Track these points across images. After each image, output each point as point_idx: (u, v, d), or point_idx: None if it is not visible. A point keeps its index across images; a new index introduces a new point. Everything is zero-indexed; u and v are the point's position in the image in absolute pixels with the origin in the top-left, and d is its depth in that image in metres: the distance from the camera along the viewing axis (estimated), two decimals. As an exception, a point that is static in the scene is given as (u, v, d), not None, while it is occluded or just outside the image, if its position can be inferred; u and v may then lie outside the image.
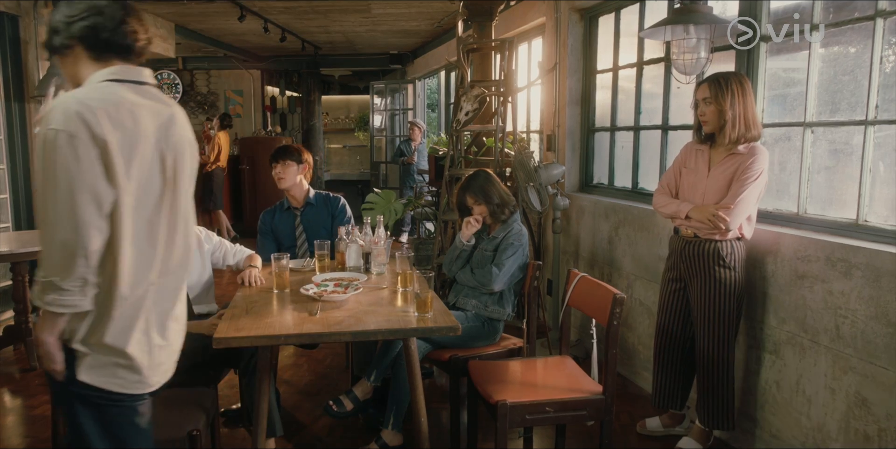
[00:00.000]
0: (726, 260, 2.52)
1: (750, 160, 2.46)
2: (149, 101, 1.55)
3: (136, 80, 1.55)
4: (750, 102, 2.47)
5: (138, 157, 1.47)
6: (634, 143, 3.74)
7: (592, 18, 4.12)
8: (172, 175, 1.57)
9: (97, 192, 1.40)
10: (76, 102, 1.41)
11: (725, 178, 2.51)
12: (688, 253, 2.62)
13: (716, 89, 2.49)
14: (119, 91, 1.49)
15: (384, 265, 2.90)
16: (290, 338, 2.01)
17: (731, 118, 2.45)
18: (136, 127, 1.48)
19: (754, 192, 2.46)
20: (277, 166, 3.28)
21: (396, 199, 5.07)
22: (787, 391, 2.50)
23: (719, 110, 2.48)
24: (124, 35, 1.53)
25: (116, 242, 1.45)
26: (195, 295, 2.81)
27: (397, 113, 9.52)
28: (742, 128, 2.46)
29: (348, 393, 2.78)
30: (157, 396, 1.67)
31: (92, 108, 1.41)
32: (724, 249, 2.52)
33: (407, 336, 2.16)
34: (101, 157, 1.40)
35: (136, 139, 1.47)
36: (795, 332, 2.45)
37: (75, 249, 1.39)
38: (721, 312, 2.55)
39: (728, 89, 2.47)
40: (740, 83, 2.49)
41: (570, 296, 2.64)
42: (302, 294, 2.45)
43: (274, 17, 6.54)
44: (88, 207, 1.39)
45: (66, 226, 1.39)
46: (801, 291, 2.42)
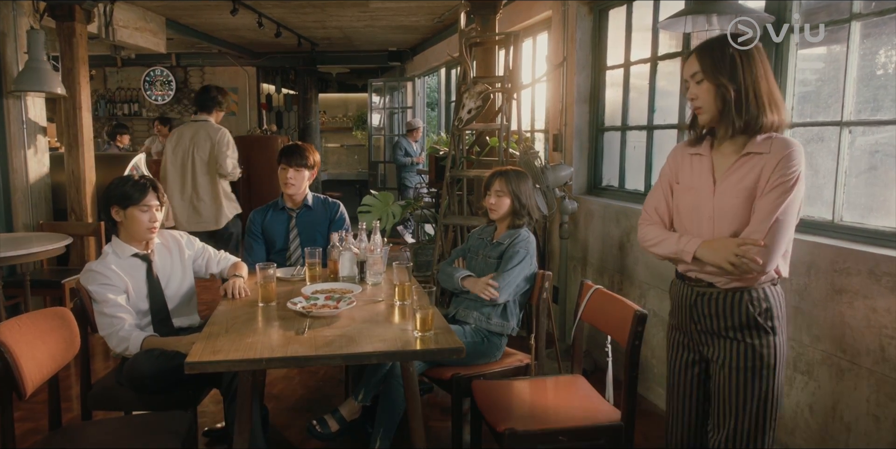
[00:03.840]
0: (763, 318, 1.72)
1: (778, 160, 1.65)
2: None
3: None
4: (763, 74, 1.68)
5: None
6: (647, 143, 3.52)
7: (602, 11, 3.90)
8: None
9: None
10: None
11: (743, 191, 1.70)
12: (702, 311, 1.79)
13: (709, 59, 1.70)
14: None
15: (381, 275, 2.68)
16: (273, 362, 1.79)
17: (736, 97, 1.67)
18: None
19: (793, 210, 1.67)
20: (290, 170, 3.04)
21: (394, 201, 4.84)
22: (821, 416, 2.28)
23: (717, 86, 1.68)
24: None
25: None
26: (175, 306, 2.58)
27: (396, 111, 9.29)
28: (754, 109, 1.67)
29: (334, 413, 2.57)
30: (122, 422, 1.44)
31: None
32: (757, 301, 1.72)
33: (405, 359, 1.94)
34: None
35: None
36: (832, 351, 2.23)
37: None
38: (759, 399, 1.73)
39: (725, 57, 1.68)
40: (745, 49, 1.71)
41: (584, 310, 2.42)
42: (289, 309, 2.22)
43: (268, 11, 6.32)
44: None
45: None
46: (838, 307, 2.19)
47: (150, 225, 2.45)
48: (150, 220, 2.44)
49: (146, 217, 2.43)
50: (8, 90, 4.24)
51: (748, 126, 1.68)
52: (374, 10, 6.34)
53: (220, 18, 6.48)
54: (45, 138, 4.63)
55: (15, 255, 3.48)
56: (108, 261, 2.44)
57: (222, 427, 2.87)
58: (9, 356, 1.74)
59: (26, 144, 4.41)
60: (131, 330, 2.33)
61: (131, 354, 2.31)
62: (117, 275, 2.41)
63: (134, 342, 2.31)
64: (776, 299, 1.76)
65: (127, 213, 2.43)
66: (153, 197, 2.45)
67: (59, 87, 4.25)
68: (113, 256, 2.47)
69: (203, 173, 4.28)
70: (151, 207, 2.44)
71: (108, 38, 5.31)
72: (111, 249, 2.49)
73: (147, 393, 2.23)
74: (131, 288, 2.44)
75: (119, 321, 2.32)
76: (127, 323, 2.33)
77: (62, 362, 2.01)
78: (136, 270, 2.49)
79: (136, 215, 2.42)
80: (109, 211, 2.45)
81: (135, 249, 2.50)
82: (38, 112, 4.54)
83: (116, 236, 2.51)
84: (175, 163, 4.31)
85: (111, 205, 2.44)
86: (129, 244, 2.49)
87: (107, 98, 9.82)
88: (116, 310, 2.34)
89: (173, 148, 4.30)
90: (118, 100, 9.84)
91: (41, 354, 1.91)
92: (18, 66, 4.27)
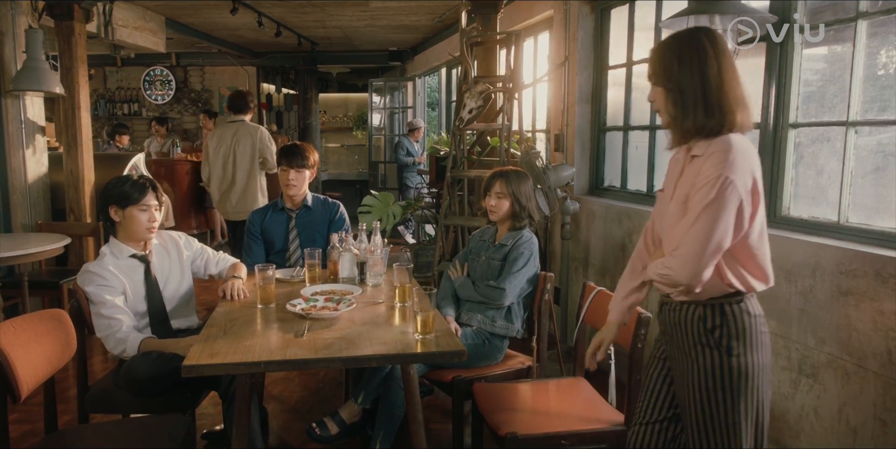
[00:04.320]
0: (714, 335, 1.59)
1: (706, 161, 1.53)
2: None
3: None
4: (712, 72, 1.55)
5: None
6: (650, 143, 3.49)
7: (604, 10, 3.87)
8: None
9: None
10: None
11: (682, 197, 1.60)
12: (663, 319, 1.73)
13: (659, 61, 1.62)
14: None
15: (381, 276, 2.65)
16: (272, 365, 1.76)
17: (684, 100, 1.56)
18: None
19: (717, 215, 1.49)
20: (291, 172, 3.01)
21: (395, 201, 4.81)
22: (826, 420, 2.25)
23: (667, 90, 1.60)
24: None
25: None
26: (173, 308, 2.55)
27: (397, 111, 9.27)
28: (700, 114, 1.54)
29: (333, 415, 2.55)
30: (119, 425, 1.42)
31: None
32: (709, 317, 1.59)
33: (406, 362, 1.91)
34: None
35: None
36: (837, 354, 2.20)
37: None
38: (719, 422, 1.60)
39: (675, 59, 1.58)
40: (693, 43, 1.57)
41: (586, 312, 2.39)
42: (288, 311, 2.19)
43: (268, 11, 6.29)
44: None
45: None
46: (844, 309, 2.17)
47: (150, 225, 2.42)
48: (150, 220, 2.41)
49: (145, 217, 2.40)
50: (6, 90, 4.21)
51: (701, 129, 1.56)
52: (374, 10, 6.31)
53: (220, 18, 6.45)
54: (43, 138, 4.61)
55: (13, 255, 3.45)
56: (105, 262, 2.42)
57: (221, 429, 2.84)
58: (3, 359, 1.72)
59: (25, 144, 4.38)
60: (129, 332, 2.31)
61: (129, 356, 2.28)
62: (115, 276, 2.38)
63: (131, 344, 2.28)
64: (735, 317, 1.58)
65: (126, 213, 2.40)
66: (152, 197, 2.42)
67: (58, 87, 4.22)
68: (110, 257, 2.44)
69: (243, 168, 4.66)
70: (150, 207, 2.41)
71: (107, 37, 5.29)
72: (108, 249, 2.46)
73: (144, 396, 2.21)
74: (129, 289, 2.41)
75: (116, 323, 2.29)
76: (124, 325, 2.31)
77: (58, 365, 1.98)
78: (134, 271, 2.46)
79: (134, 215, 2.39)
80: (108, 211, 2.42)
81: (133, 250, 2.47)
82: (36, 112, 4.52)
83: (114, 237, 2.48)
84: (217, 159, 4.67)
85: (109, 205, 2.41)
86: (126, 245, 2.46)
87: (106, 98, 9.80)
88: (114, 311, 2.31)
89: (215, 146, 4.67)
90: (118, 99, 9.82)
91: (37, 356, 1.88)
92: (17, 66, 4.24)
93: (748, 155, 1.53)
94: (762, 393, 1.62)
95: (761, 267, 1.60)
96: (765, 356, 1.62)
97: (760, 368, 1.60)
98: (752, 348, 1.59)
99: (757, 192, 1.53)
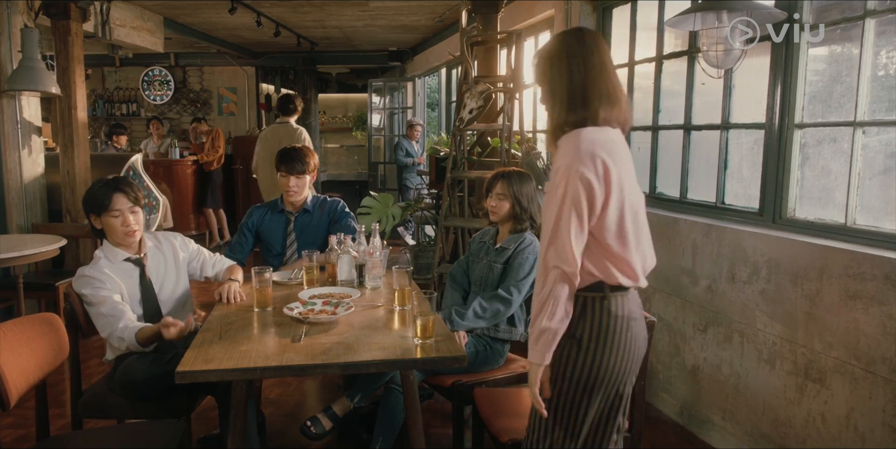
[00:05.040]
0: (572, 327, 1.58)
1: (556, 158, 1.57)
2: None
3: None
4: (577, 70, 1.57)
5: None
6: (653, 144, 3.45)
7: (606, 10, 3.83)
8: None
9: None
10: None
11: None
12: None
13: (535, 63, 1.68)
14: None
15: (380, 279, 2.61)
16: (268, 371, 1.72)
17: (551, 99, 1.62)
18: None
19: (557, 210, 1.50)
20: (291, 179, 2.96)
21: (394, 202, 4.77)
22: (834, 425, 2.21)
23: (542, 91, 1.67)
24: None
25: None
26: (169, 311, 2.50)
27: (396, 112, 9.23)
28: (563, 110, 1.58)
29: (326, 410, 2.51)
30: (113, 431, 1.38)
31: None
32: (576, 308, 1.60)
33: (405, 368, 1.87)
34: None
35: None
36: (845, 359, 2.16)
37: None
38: (557, 406, 1.60)
39: (539, 61, 1.65)
40: (561, 44, 1.62)
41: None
42: (286, 314, 2.15)
43: (267, 10, 6.25)
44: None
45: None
46: (853, 313, 2.13)
47: (125, 230, 2.33)
48: (123, 225, 2.32)
49: (118, 222, 2.32)
50: (2, 89, 4.17)
51: (564, 125, 1.58)
52: (373, 10, 6.27)
53: (219, 17, 6.41)
54: (39, 138, 4.57)
55: (8, 257, 3.41)
56: (100, 265, 2.37)
57: (218, 434, 2.80)
58: (-8, 365, 1.68)
59: (21, 145, 4.34)
60: (125, 327, 2.25)
61: (130, 349, 2.23)
62: (111, 278, 2.34)
63: (129, 338, 2.21)
64: (594, 315, 1.57)
65: (102, 221, 2.35)
66: (121, 200, 2.31)
67: (54, 87, 4.18)
68: (105, 261, 2.39)
69: None
70: (122, 211, 2.31)
71: (104, 37, 5.24)
72: (102, 253, 2.41)
73: (139, 400, 2.16)
74: (125, 292, 2.37)
75: (115, 320, 2.24)
76: (121, 321, 2.26)
77: (49, 370, 1.94)
78: (129, 275, 2.42)
79: (109, 223, 2.33)
80: (90, 220, 2.40)
81: (126, 254, 2.42)
82: (32, 112, 4.48)
83: (107, 240, 2.44)
84: (264, 155, 5.11)
85: (89, 213, 2.37)
86: (119, 248, 2.42)
87: (105, 98, 9.75)
88: (115, 309, 2.26)
89: (263, 144, 5.23)
90: (116, 100, 9.77)
91: (27, 361, 1.84)
92: (13, 65, 4.20)
93: (599, 144, 1.52)
94: (617, 397, 1.61)
95: (625, 261, 1.56)
96: (627, 361, 1.59)
97: (618, 371, 1.58)
98: (610, 350, 1.57)
99: (609, 181, 1.50)
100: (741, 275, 2.61)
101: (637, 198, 1.61)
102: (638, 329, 1.63)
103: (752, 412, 2.58)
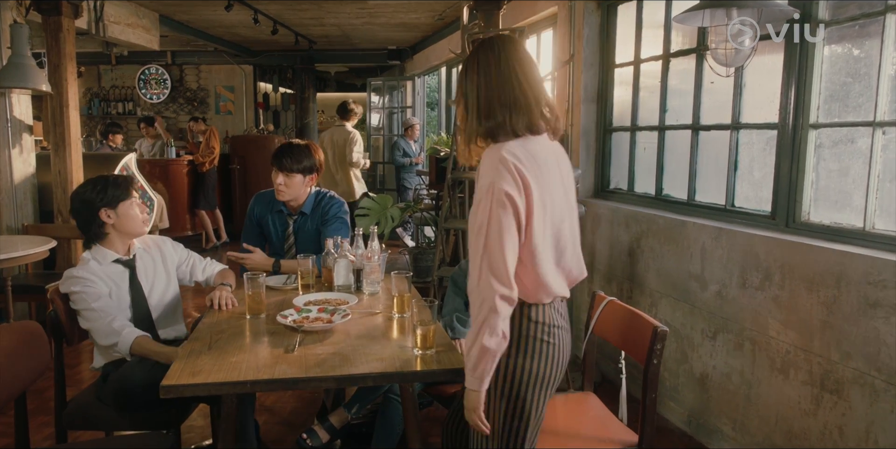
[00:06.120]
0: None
1: (479, 175, 1.54)
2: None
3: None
4: (488, 78, 1.56)
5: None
6: (659, 144, 3.35)
7: (611, 7, 3.74)
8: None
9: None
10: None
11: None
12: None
13: (459, 74, 1.68)
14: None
15: (378, 284, 2.51)
16: (259, 385, 1.62)
17: (465, 109, 1.61)
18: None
19: (486, 229, 1.48)
20: (280, 176, 2.75)
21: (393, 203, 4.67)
22: (852, 439, 2.12)
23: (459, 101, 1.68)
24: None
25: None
26: (159, 316, 2.41)
27: (395, 111, 9.13)
28: (475, 120, 1.57)
29: (323, 422, 2.42)
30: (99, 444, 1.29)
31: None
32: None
33: (404, 381, 1.77)
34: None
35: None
36: (865, 370, 2.06)
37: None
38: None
39: (462, 69, 1.63)
40: (477, 53, 1.60)
41: (596, 323, 2.25)
42: (279, 322, 2.05)
43: (264, 8, 6.15)
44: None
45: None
46: (872, 322, 2.03)
47: (144, 217, 2.39)
48: (142, 212, 2.39)
49: (137, 209, 2.36)
50: (-9, 87, 4.06)
51: (474, 134, 1.57)
52: (372, 7, 6.17)
53: (215, 15, 6.30)
54: (31, 137, 4.46)
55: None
56: (90, 267, 2.28)
57: (209, 445, 2.71)
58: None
59: (11, 143, 4.24)
60: (125, 324, 2.16)
61: (119, 350, 2.14)
62: (101, 280, 2.25)
63: (125, 338, 2.12)
64: (514, 319, 1.56)
65: (119, 212, 2.31)
66: (134, 191, 2.39)
67: (45, 84, 4.08)
68: (94, 263, 2.31)
69: (341, 163, 6.12)
70: (136, 199, 2.39)
71: (98, 34, 5.14)
72: (91, 255, 2.32)
73: (132, 407, 2.05)
74: (114, 296, 2.28)
75: (107, 315, 2.15)
76: (119, 316, 2.17)
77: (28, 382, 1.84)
78: (119, 278, 2.33)
79: (128, 212, 2.33)
80: (98, 216, 2.29)
81: (116, 255, 2.34)
82: (23, 110, 4.37)
83: (99, 243, 2.34)
84: (326, 155, 5.67)
85: (99, 209, 2.28)
86: (111, 250, 2.33)
87: (101, 96, 9.65)
88: (107, 305, 2.18)
89: (324, 145, 6.04)
90: (112, 98, 9.66)
91: (5, 372, 1.74)
92: (2, 62, 4.10)
93: (519, 159, 1.49)
94: (529, 403, 1.59)
95: (542, 279, 1.55)
96: (540, 367, 1.58)
97: (529, 377, 1.57)
98: (523, 354, 1.57)
99: (530, 196, 1.48)
100: (753, 280, 2.52)
101: (560, 211, 1.58)
102: (561, 336, 1.62)
103: (765, 423, 2.48)
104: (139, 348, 2.12)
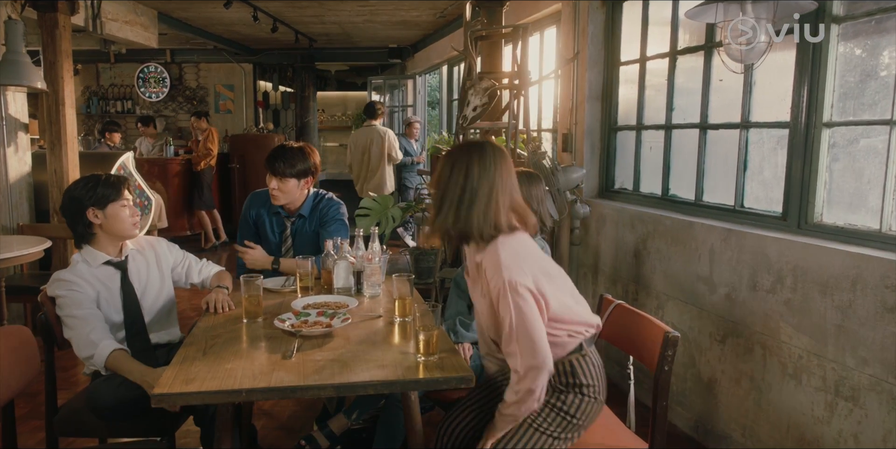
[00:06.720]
0: (564, 382, 1.88)
1: (488, 275, 1.73)
2: None
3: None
4: (470, 182, 1.76)
5: None
6: (665, 143, 3.28)
7: (616, 4, 3.67)
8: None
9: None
10: None
11: (487, 297, 1.77)
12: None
13: (438, 165, 1.90)
14: None
15: (379, 286, 2.44)
16: (254, 393, 1.55)
17: (440, 202, 1.81)
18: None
19: (516, 323, 1.68)
20: (273, 180, 2.67)
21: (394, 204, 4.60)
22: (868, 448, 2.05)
23: (434, 191, 1.89)
24: None
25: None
26: (151, 319, 2.34)
27: (397, 110, 9.06)
28: (451, 217, 1.77)
29: (322, 428, 2.36)
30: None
31: None
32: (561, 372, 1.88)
33: (406, 389, 1.71)
34: None
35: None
36: (882, 376, 2.00)
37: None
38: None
39: (444, 163, 1.82)
40: (464, 155, 1.79)
41: (603, 327, 2.18)
42: (277, 327, 1.98)
43: (263, 5, 6.08)
44: None
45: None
46: (890, 327, 1.96)
47: (134, 220, 2.30)
48: (132, 215, 2.29)
49: (127, 212, 2.27)
50: (-14, 84, 3.99)
51: (449, 230, 1.80)
52: (373, 5, 6.10)
53: (214, 12, 6.24)
54: (26, 136, 4.39)
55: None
56: (79, 269, 2.22)
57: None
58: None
59: (6, 142, 4.17)
60: (104, 335, 2.07)
61: (94, 364, 2.06)
62: (89, 284, 2.18)
63: (101, 352, 2.03)
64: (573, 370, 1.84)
65: (107, 213, 2.22)
66: (127, 193, 2.29)
67: (40, 82, 4.01)
68: (83, 265, 2.24)
69: (376, 160, 6.37)
70: (128, 202, 2.29)
71: (95, 31, 5.07)
72: (81, 257, 2.26)
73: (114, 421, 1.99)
74: (103, 299, 2.21)
75: (89, 325, 2.07)
76: (99, 328, 2.09)
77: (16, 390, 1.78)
78: (110, 280, 2.26)
79: (117, 213, 2.24)
80: (86, 215, 2.22)
81: (107, 256, 2.27)
82: (19, 108, 4.31)
83: (88, 244, 2.27)
84: (356, 153, 6.37)
85: (87, 207, 2.21)
86: (101, 251, 2.26)
87: (99, 95, 9.58)
88: (89, 312, 2.10)
89: (354, 144, 6.39)
90: (111, 97, 9.60)
91: (-8, 380, 1.68)
92: (-4, 58, 4.03)
93: (520, 255, 1.72)
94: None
95: (577, 316, 1.84)
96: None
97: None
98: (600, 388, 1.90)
99: (540, 283, 1.71)
100: (764, 283, 2.45)
101: (549, 279, 1.77)
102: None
103: (776, 430, 2.42)
104: (114, 363, 2.03)
